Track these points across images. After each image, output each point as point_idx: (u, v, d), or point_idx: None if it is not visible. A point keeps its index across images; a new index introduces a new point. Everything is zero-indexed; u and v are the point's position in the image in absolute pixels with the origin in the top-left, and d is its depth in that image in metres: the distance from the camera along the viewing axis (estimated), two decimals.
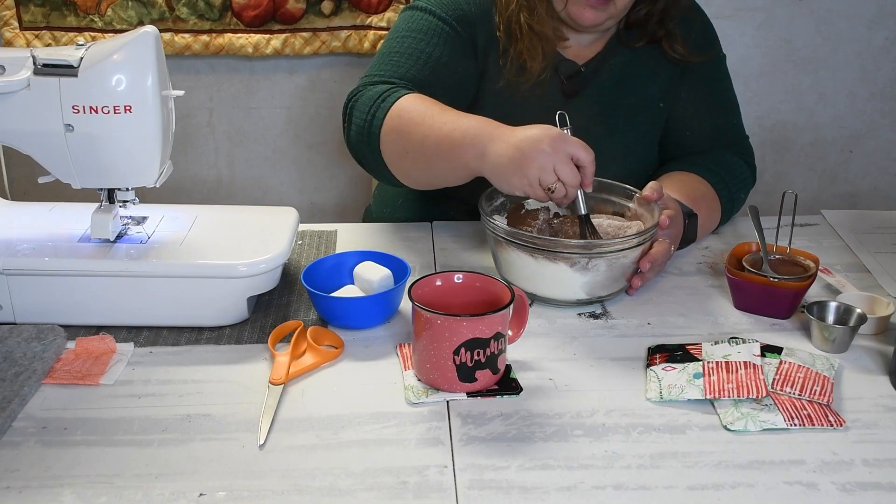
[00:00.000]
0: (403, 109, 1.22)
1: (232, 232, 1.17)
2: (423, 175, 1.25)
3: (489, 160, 1.11)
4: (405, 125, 1.21)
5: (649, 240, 1.16)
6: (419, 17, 1.35)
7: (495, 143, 1.11)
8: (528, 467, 0.87)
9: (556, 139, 1.09)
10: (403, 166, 1.25)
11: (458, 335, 0.95)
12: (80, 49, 1.04)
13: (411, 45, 1.32)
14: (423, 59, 1.31)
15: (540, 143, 1.08)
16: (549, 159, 1.08)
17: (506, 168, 1.10)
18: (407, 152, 1.22)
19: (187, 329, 1.10)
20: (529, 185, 1.09)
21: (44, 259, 1.08)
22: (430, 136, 1.18)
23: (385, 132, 1.23)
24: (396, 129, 1.22)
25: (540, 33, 1.33)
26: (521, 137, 1.10)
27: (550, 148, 1.08)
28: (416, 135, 1.20)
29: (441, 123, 1.17)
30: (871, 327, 1.11)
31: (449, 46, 1.33)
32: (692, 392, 0.97)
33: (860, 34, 2.17)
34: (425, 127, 1.19)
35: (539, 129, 1.10)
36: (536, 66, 1.33)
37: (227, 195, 2.24)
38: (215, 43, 2.01)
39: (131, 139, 1.06)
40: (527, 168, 1.08)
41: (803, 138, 2.28)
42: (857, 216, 1.48)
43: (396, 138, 1.23)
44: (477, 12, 1.35)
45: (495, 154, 1.11)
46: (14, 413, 0.93)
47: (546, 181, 1.09)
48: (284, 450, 0.89)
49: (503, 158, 1.10)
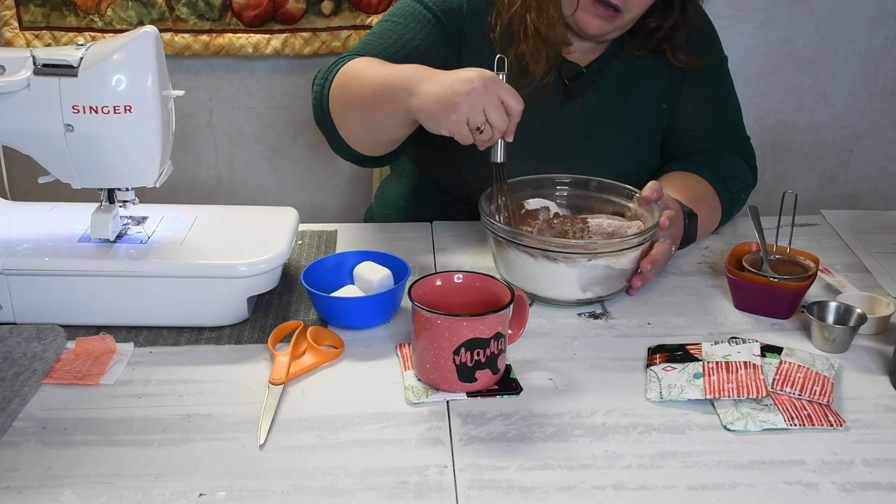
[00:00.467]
0: (349, 68, 1.25)
1: (232, 232, 1.17)
2: (365, 128, 1.26)
3: (419, 98, 1.12)
4: (348, 81, 1.24)
5: (649, 240, 1.16)
6: (407, 4, 1.36)
7: (426, 83, 1.12)
8: (528, 467, 0.87)
9: (489, 80, 1.09)
10: (347, 123, 1.27)
11: (458, 335, 0.95)
12: (80, 49, 1.04)
13: (389, 28, 1.34)
14: (395, 40, 1.32)
15: (472, 82, 1.08)
16: (479, 98, 1.08)
17: (435, 105, 1.10)
18: (349, 106, 1.24)
19: (187, 329, 1.10)
20: (458, 122, 1.09)
21: (44, 259, 1.08)
22: (367, 85, 1.20)
23: (332, 92, 1.26)
24: (341, 87, 1.25)
25: (546, 37, 1.32)
26: (454, 77, 1.10)
27: (483, 87, 1.08)
28: (355, 87, 1.22)
29: (376, 73, 1.20)
30: (871, 327, 1.11)
31: (426, 33, 1.33)
32: (692, 392, 0.97)
33: (860, 34, 2.17)
34: (364, 79, 1.21)
35: (472, 70, 1.11)
36: (539, 68, 1.33)
37: (227, 195, 2.24)
38: (215, 43, 2.01)
39: (131, 139, 1.06)
40: (457, 105, 1.08)
41: (803, 138, 2.28)
42: (857, 216, 1.47)
43: (340, 95, 1.25)
44: (469, 9, 1.35)
45: (426, 92, 1.11)
46: (14, 413, 0.93)
47: (475, 121, 1.09)
48: (284, 450, 0.89)
49: (433, 96, 1.10)
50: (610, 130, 1.41)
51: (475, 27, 1.35)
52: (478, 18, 1.35)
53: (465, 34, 1.35)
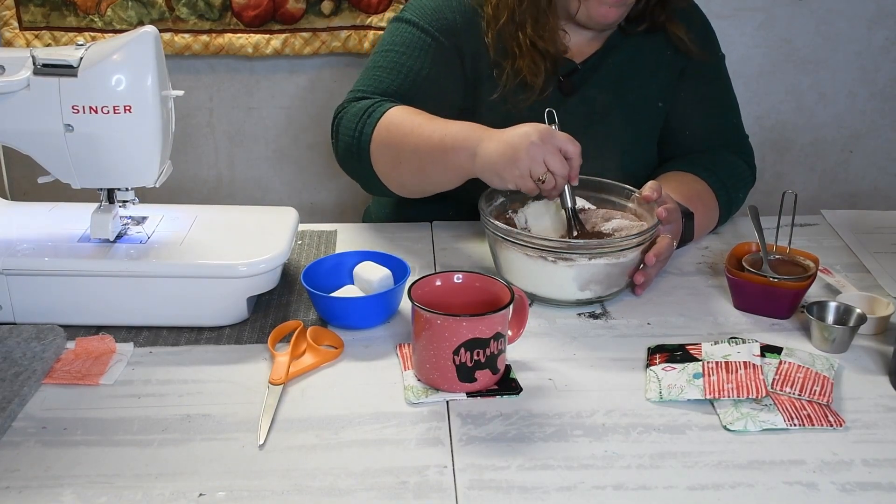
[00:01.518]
0: (391, 123, 1.26)
1: (232, 232, 1.17)
2: (418, 183, 1.28)
3: (481, 158, 1.15)
4: (395, 137, 1.25)
5: (650, 240, 1.16)
6: (403, 30, 1.36)
7: (486, 143, 1.15)
8: (528, 467, 0.87)
9: (545, 132, 1.13)
10: (396, 177, 1.28)
11: (458, 335, 0.95)
12: (80, 49, 1.04)
13: (394, 59, 1.35)
14: (405, 73, 1.33)
15: (529, 136, 1.12)
16: (538, 151, 1.12)
17: (497, 163, 1.13)
18: (399, 163, 1.26)
19: (187, 329, 1.10)
20: (521, 176, 1.13)
21: (44, 259, 1.08)
22: (422, 144, 1.21)
23: (375, 146, 1.27)
24: (386, 142, 1.26)
25: (543, 50, 1.33)
26: (512, 134, 1.14)
27: (540, 140, 1.12)
28: (407, 145, 1.23)
29: (430, 131, 1.21)
30: (870, 327, 1.11)
31: (431, 58, 1.34)
32: (692, 392, 0.97)
33: (860, 34, 2.17)
34: (415, 137, 1.22)
35: (528, 125, 1.14)
36: (540, 81, 1.34)
37: (227, 195, 2.24)
38: (215, 43, 2.01)
39: (131, 139, 1.06)
40: (518, 160, 1.12)
41: (803, 138, 2.28)
42: (857, 216, 1.47)
43: (387, 151, 1.26)
44: (462, 21, 1.35)
45: (487, 152, 1.14)
46: (14, 413, 0.93)
47: (536, 172, 1.13)
48: (284, 450, 0.89)
49: (495, 155, 1.13)
50: (606, 128, 1.41)
51: (471, 36, 1.36)
52: (471, 26, 1.35)
53: (463, 45, 1.36)
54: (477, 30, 1.35)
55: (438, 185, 1.27)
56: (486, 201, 1.21)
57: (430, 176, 1.25)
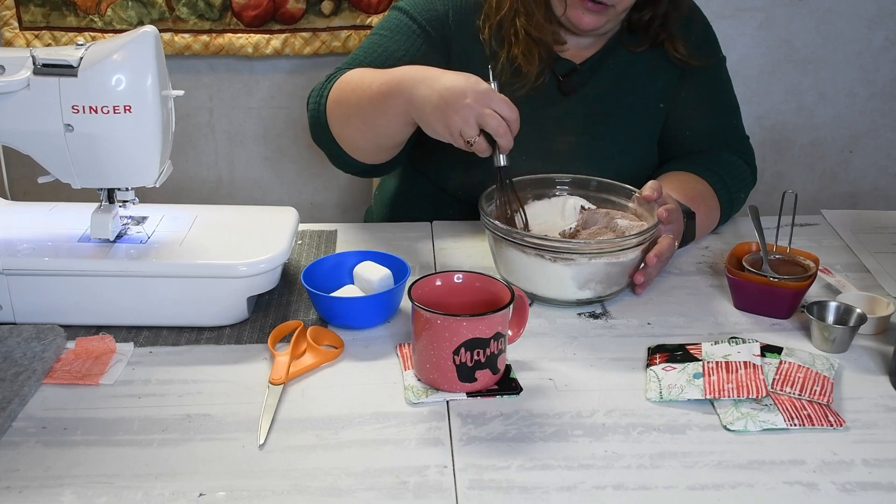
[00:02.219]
0: (343, 81, 1.27)
1: (232, 232, 1.17)
2: (367, 137, 1.27)
3: (415, 104, 1.15)
4: (343, 94, 1.26)
5: (650, 240, 1.16)
6: (393, 17, 1.38)
7: (420, 87, 1.14)
8: (528, 467, 0.87)
9: (481, 93, 1.11)
10: (349, 135, 1.29)
11: (458, 335, 0.95)
12: (80, 49, 1.04)
13: (375, 42, 1.36)
14: (380, 53, 1.34)
15: (464, 96, 1.10)
16: (469, 112, 1.10)
17: (429, 114, 1.13)
18: (349, 118, 1.26)
19: (187, 329, 1.10)
20: (451, 135, 1.13)
21: (44, 259, 1.08)
22: (364, 95, 1.22)
23: (329, 106, 1.28)
24: (337, 99, 1.27)
25: (537, 38, 1.33)
26: (447, 86, 1.12)
27: (474, 101, 1.10)
28: (353, 98, 1.24)
29: (371, 82, 1.21)
30: (871, 327, 1.11)
31: (411, 44, 1.34)
32: (692, 392, 0.97)
33: (860, 34, 2.17)
34: (360, 89, 1.23)
35: (465, 79, 1.12)
36: (533, 69, 1.34)
37: (227, 195, 2.24)
38: (215, 43, 2.01)
39: (131, 139, 1.06)
40: (449, 118, 1.11)
41: (803, 138, 2.28)
42: (857, 216, 1.47)
43: (338, 109, 1.27)
44: (454, 15, 1.36)
45: (420, 98, 1.14)
46: (14, 413, 0.93)
47: (467, 134, 1.12)
48: (284, 450, 0.89)
49: (428, 105, 1.13)
50: (607, 129, 1.41)
51: (462, 32, 1.36)
52: (465, 24, 1.36)
53: (452, 41, 1.36)
54: (470, 26, 1.36)
55: (384, 136, 1.25)
56: (487, 201, 1.21)
57: (373, 126, 1.24)
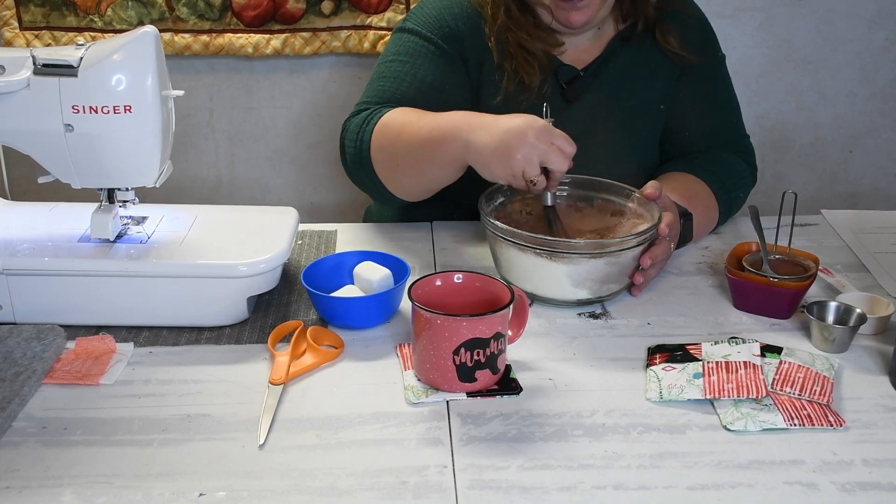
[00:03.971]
0: (385, 125, 1.25)
1: (232, 232, 1.17)
2: (417, 182, 1.27)
3: (473, 150, 1.13)
4: (389, 139, 1.24)
5: (649, 240, 1.16)
6: (406, 40, 1.36)
7: (478, 133, 1.13)
8: (528, 467, 0.87)
9: (542, 131, 1.10)
10: (397, 179, 1.28)
11: (458, 335, 0.95)
12: (80, 49, 1.04)
13: (397, 69, 1.34)
14: (409, 81, 1.33)
15: (525, 135, 1.09)
16: (532, 151, 1.09)
17: (489, 158, 1.12)
18: (397, 164, 1.25)
19: (187, 329, 1.10)
20: (513, 176, 1.11)
21: (44, 259, 1.08)
22: (413, 141, 1.21)
23: (374, 151, 1.26)
24: (382, 146, 1.25)
25: (531, 50, 1.34)
26: (506, 129, 1.11)
27: (536, 139, 1.09)
28: (400, 144, 1.23)
29: (419, 127, 1.20)
30: (871, 327, 1.11)
31: (434, 65, 1.34)
32: (692, 392, 0.97)
33: (860, 34, 2.17)
34: (407, 135, 1.22)
35: (523, 119, 1.12)
36: (535, 80, 1.34)
37: (227, 195, 2.24)
38: (215, 43, 2.01)
39: (131, 139, 1.06)
40: (511, 159, 1.10)
41: (803, 138, 2.28)
42: (857, 216, 1.47)
43: (384, 154, 1.26)
44: (464, 27, 1.35)
45: (479, 144, 1.12)
46: (14, 413, 0.93)
47: (529, 174, 1.11)
48: (284, 450, 0.89)
49: (487, 149, 1.12)
50: (608, 132, 1.41)
51: (474, 42, 1.36)
52: (475, 32, 1.36)
53: (467, 51, 1.36)
54: (480, 35, 1.36)
55: (436, 181, 1.25)
56: (486, 201, 1.21)
57: (425, 173, 1.23)
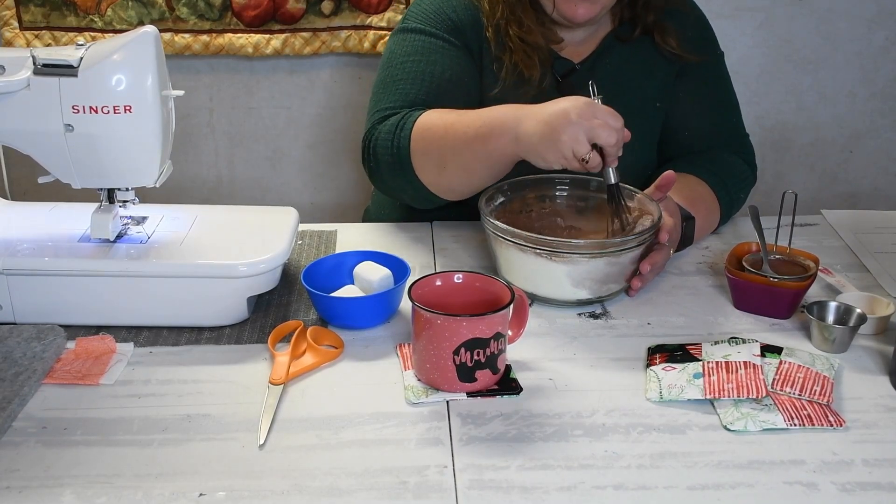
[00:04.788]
0: (425, 129, 1.23)
1: (232, 232, 1.17)
2: (467, 181, 1.25)
3: (523, 141, 1.13)
4: (432, 142, 1.22)
5: (649, 241, 1.16)
6: (413, 39, 1.35)
7: (525, 123, 1.12)
8: (528, 467, 0.87)
9: (584, 108, 1.09)
10: (444, 181, 1.26)
11: (458, 335, 0.95)
12: (80, 49, 1.04)
13: (412, 69, 1.33)
14: (428, 80, 1.32)
15: (568, 114, 1.09)
16: (578, 129, 1.08)
17: (538, 145, 1.11)
18: (444, 167, 1.23)
19: (187, 329, 1.10)
20: (564, 157, 1.10)
21: (44, 259, 1.08)
22: (460, 141, 1.19)
23: (415, 156, 1.24)
24: (425, 151, 1.24)
25: (532, 44, 1.34)
26: (550, 112, 1.10)
27: (579, 117, 1.08)
28: (446, 147, 1.21)
29: (465, 126, 1.19)
30: (871, 327, 1.11)
31: (448, 60, 1.34)
32: (692, 392, 0.97)
33: (860, 34, 2.17)
34: (452, 136, 1.20)
35: (566, 100, 1.11)
36: (536, 74, 1.34)
37: (227, 195, 2.24)
38: (215, 43, 2.01)
39: (131, 139, 1.06)
40: (559, 142, 1.09)
41: (803, 138, 2.28)
42: (857, 216, 1.47)
43: (428, 158, 1.24)
44: (464, 19, 1.36)
45: (527, 134, 1.12)
46: (14, 413, 0.93)
47: (580, 152, 1.09)
48: (284, 450, 0.89)
49: (535, 137, 1.11)
50: None
51: (475, 33, 1.36)
52: (474, 24, 1.36)
53: (470, 42, 1.36)
54: (478, 26, 1.36)
55: (488, 178, 1.24)
56: (487, 201, 1.21)
57: (476, 171, 1.22)
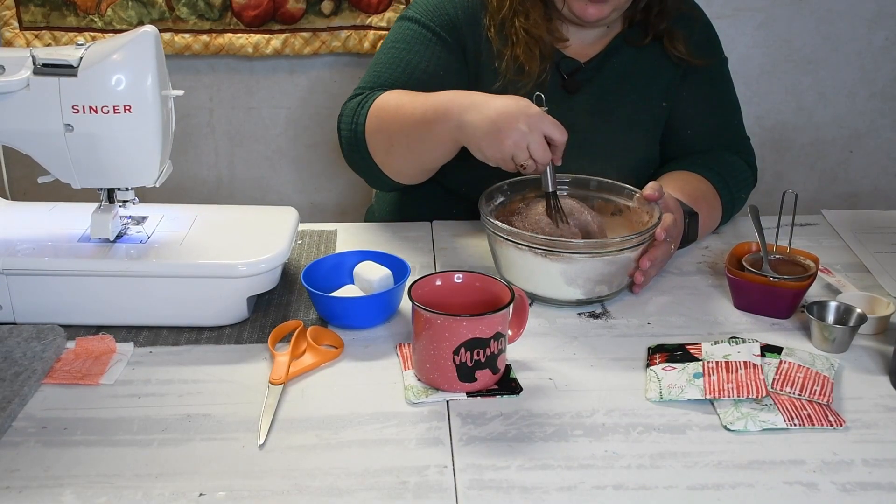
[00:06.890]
0: (380, 107, 1.27)
1: (232, 232, 1.17)
2: (412, 163, 1.28)
3: (466, 130, 1.15)
4: (384, 121, 1.26)
5: (649, 240, 1.16)
6: (406, 28, 1.38)
7: (470, 113, 1.15)
8: (528, 467, 0.87)
9: (533, 118, 1.12)
10: (393, 162, 1.29)
11: (458, 335, 0.95)
12: (80, 49, 1.04)
13: (394, 56, 1.36)
14: (403, 67, 1.34)
15: (516, 120, 1.11)
16: (523, 138, 1.12)
17: (481, 140, 1.14)
18: (392, 146, 1.26)
19: (187, 329, 1.10)
20: (503, 159, 1.14)
21: (44, 259, 1.08)
22: (407, 122, 1.22)
23: (369, 134, 1.28)
24: (377, 128, 1.27)
25: (536, 37, 1.34)
26: (498, 111, 1.13)
27: (526, 127, 1.11)
28: (395, 125, 1.24)
29: (413, 108, 1.22)
30: (871, 327, 1.11)
31: (430, 52, 1.35)
32: (692, 392, 0.97)
33: (860, 34, 2.17)
34: (401, 116, 1.23)
35: (514, 102, 1.13)
36: (535, 67, 1.34)
37: (227, 195, 2.24)
38: (215, 43, 2.00)
39: (131, 139, 1.06)
40: (501, 143, 1.12)
41: (803, 138, 2.28)
42: (857, 216, 1.47)
43: (379, 136, 1.27)
44: (464, 16, 1.36)
45: (471, 124, 1.15)
46: (14, 413, 0.93)
47: (519, 158, 1.13)
48: (284, 450, 0.89)
49: (479, 131, 1.14)
50: (610, 127, 1.41)
51: (473, 31, 1.36)
52: (474, 22, 1.36)
53: (466, 41, 1.37)
54: (479, 24, 1.36)
55: (430, 161, 1.27)
56: (486, 201, 1.21)
57: (420, 153, 1.25)
